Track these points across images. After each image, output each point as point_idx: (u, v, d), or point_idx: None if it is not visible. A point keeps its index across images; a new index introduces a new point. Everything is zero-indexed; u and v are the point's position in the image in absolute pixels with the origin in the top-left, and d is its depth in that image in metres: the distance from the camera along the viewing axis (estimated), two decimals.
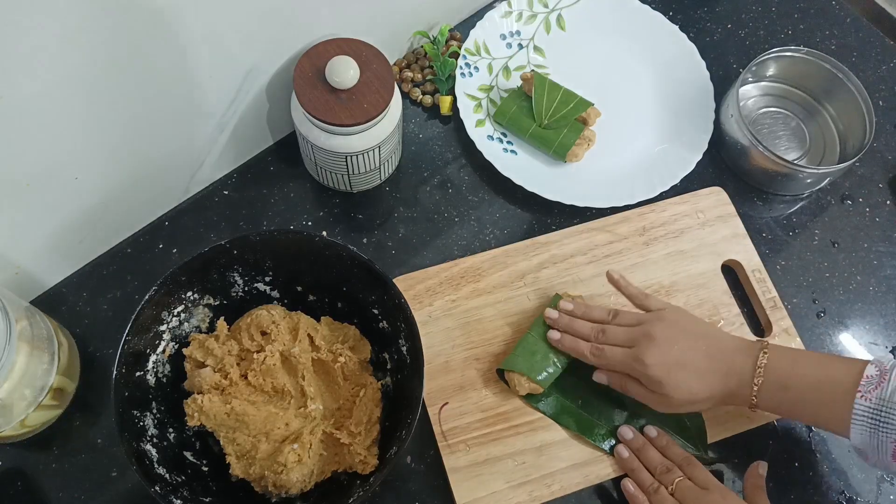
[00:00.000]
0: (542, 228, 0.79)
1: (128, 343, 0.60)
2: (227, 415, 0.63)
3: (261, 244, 0.65)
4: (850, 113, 0.83)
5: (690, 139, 0.82)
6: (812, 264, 0.80)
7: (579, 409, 0.69)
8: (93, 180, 0.65)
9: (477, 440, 0.68)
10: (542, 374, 0.68)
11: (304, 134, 0.71)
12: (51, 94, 0.55)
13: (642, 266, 0.76)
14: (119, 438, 0.57)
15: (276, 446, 0.63)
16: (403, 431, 0.59)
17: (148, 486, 0.56)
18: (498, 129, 0.82)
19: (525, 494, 0.66)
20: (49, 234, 0.67)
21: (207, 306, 0.67)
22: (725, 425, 0.70)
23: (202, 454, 0.65)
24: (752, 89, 0.88)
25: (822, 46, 0.91)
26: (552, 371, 0.69)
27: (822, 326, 0.77)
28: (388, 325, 0.67)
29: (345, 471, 0.64)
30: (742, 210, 0.80)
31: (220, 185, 0.78)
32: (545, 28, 0.88)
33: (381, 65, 0.70)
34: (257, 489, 0.64)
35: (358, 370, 0.67)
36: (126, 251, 0.75)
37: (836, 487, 0.70)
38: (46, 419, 0.66)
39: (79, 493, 0.66)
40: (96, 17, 0.52)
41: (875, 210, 0.83)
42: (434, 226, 0.78)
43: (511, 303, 0.74)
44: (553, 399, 0.70)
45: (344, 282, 0.67)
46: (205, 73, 0.64)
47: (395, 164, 0.80)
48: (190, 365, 0.66)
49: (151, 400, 0.63)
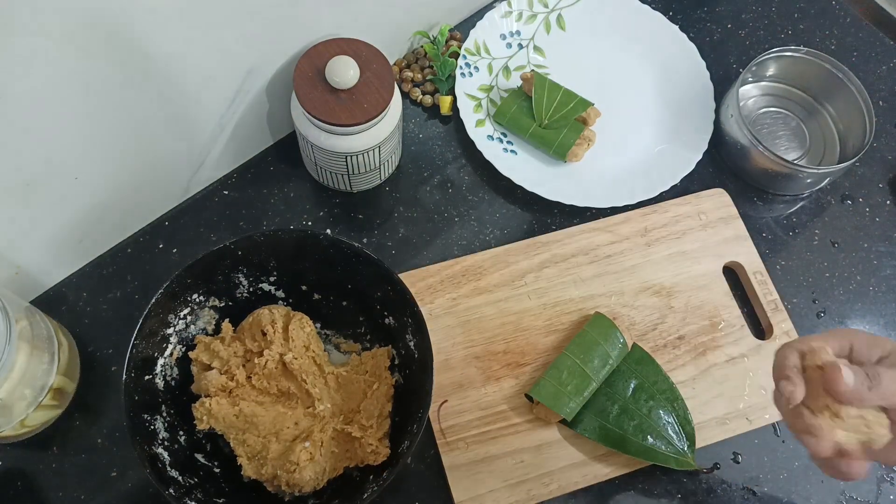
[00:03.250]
0: (542, 228, 0.79)
1: (136, 347, 0.60)
2: (236, 417, 0.63)
3: (265, 244, 0.66)
4: (850, 113, 0.83)
5: (690, 139, 0.82)
6: (812, 264, 0.80)
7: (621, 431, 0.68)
8: (93, 180, 0.65)
9: (476, 438, 0.68)
10: (569, 405, 0.67)
11: (304, 134, 0.71)
12: (51, 94, 0.55)
13: (643, 267, 0.76)
14: (131, 443, 0.57)
15: (286, 445, 0.63)
16: (415, 426, 0.59)
17: (162, 490, 0.56)
18: (498, 129, 0.82)
19: (523, 493, 0.66)
20: (49, 234, 0.67)
21: (213, 308, 0.68)
22: (725, 427, 0.70)
23: (213, 456, 0.65)
24: (752, 89, 0.88)
25: (822, 46, 0.91)
26: (580, 400, 0.68)
27: (822, 326, 0.77)
28: (394, 320, 0.67)
29: (356, 466, 0.64)
30: (742, 210, 0.80)
31: (220, 185, 0.79)
32: (545, 28, 0.88)
33: (381, 65, 0.70)
34: (270, 489, 0.64)
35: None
36: (126, 251, 0.75)
37: (836, 487, 0.70)
38: (46, 419, 0.66)
39: (79, 493, 0.66)
40: (96, 17, 0.52)
41: (875, 210, 0.83)
42: (434, 226, 0.78)
43: (512, 302, 0.74)
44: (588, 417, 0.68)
45: (349, 279, 0.67)
46: (205, 74, 0.64)
47: (395, 164, 0.80)
48: (196, 367, 0.66)
49: (161, 403, 0.63)
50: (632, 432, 0.68)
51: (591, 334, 0.70)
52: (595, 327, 0.71)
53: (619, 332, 0.70)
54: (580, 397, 0.68)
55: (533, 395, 0.68)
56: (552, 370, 0.69)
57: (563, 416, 0.67)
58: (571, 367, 0.68)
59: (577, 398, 0.68)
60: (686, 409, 0.69)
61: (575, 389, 0.68)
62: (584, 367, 0.69)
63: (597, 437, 0.68)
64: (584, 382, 0.68)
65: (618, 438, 0.68)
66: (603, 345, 0.69)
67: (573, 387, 0.68)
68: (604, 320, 0.71)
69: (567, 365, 0.69)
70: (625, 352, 0.71)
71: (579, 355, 0.69)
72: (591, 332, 0.70)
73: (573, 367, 0.69)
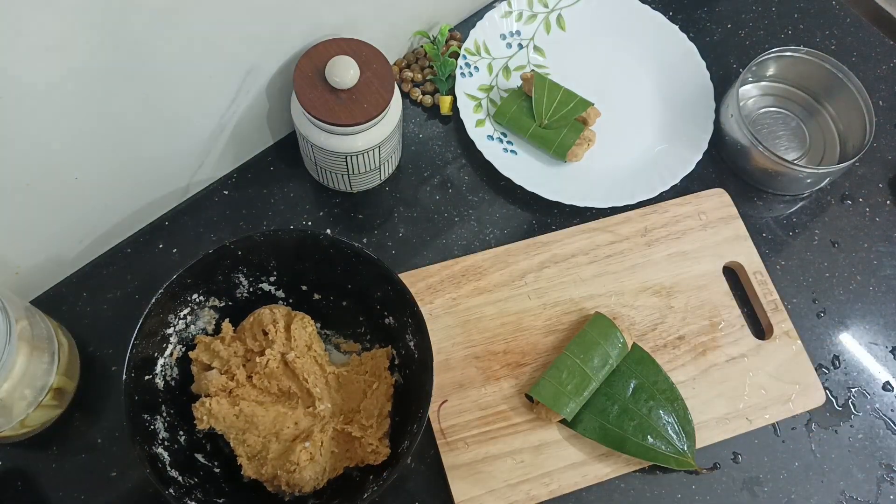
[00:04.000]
0: (542, 228, 0.79)
1: (136, 347, 0.60)
2: (236, 417, 0.63)
3: (265, 244, 0.66)
4: (850, 113, 0.83)
5: (690, 139, 0.82)
6: (812, 264, 0.80)
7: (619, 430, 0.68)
8: (93, 180, 0.65)
9: (476, 438, 0.68)
10: (569, 405, 0.67)
11: (304, 134, 0.71)
12: (51, 94, 0.55)
13: (643, 267, 0.76)
14: (131, 443, 0.57)
15: (286, 445, 0.63)
16: (415, 426, 0.59)
17: (162, 490, 0.56)
18: (498, 129, 0.82)
19: (523, 493, 0.66)
20: (49, 234, 0.67)
21: (213, 308, 0.68)
22: (725, 427, 0.70)
23: (213, 456, 0.65)
24: (752, 89, 0.88)
25: (822, 46, 0.91)
26: (580, 400, 0.68)
27: (822, 326, 0.77)
28: (394, 320, 0.67)
29: (357, 466, 0.64)
30: (742, 210, 0.80)
31: (220, 185, 0.79)
32: (545, 28, 0.88)
33: (381, 65, 0.70)
34: (270, 489, 0.64)
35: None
36: (126, 251, 0.75)
37: (836, 487, 0.70)
38: (46, 419, 0.66)
39: (79, 493, 0.66)
40: (96, 17, 0.52)
41: (875, 210, 0.83)
42: (434, 226, 0.78)
43: (512, 302, 0.74)
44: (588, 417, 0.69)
45: (349, 279, 0.67)
46: (205, 73, 0.64)
47: (395, 164, 0.80)
48: (196, 367, 0.66)
49: (161, 403, 0.63)
50: (632, 432, 0.68)
51: (591, 334, 0.70)
52: (595, 327, 0.71)
53: (619, 331, 0.70)
54: (580, 397, 0.68)
55: (533, 395, 0.68)
56: (552, 370, 0.69)
57: (563, 416, 0.67)
58: (571, 367, 0.68)
59: (577, 398, 0.68)
60: (686, 408, 0.69)
61: (575, 389, 0.68)
62: (584, 366, 0.69)
63: (597, 437, 0.68)
64: (584, 382, 0.68)
65: (618, 438, 0.68)
66: (603, 345, 0.70)
67: (573, 387, 0.68)
68: (604, 320, 0.71)
69: (567, 365, 0.69)
70: (625, 351, 0.71)
71: (579, 355, 0.69)
72: (591, 332, 0.70)
73: (573, 366, 0.69)
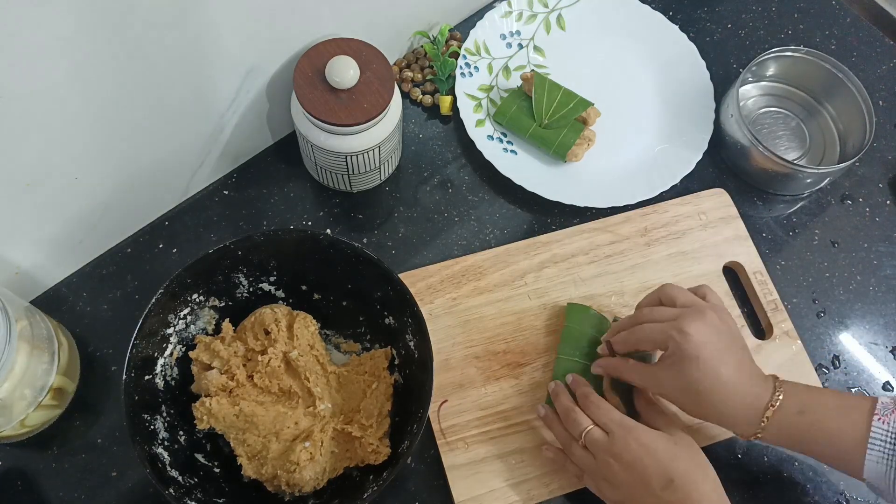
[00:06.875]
0: (542, 228, 0.79)
1: (136, 347, 0.60)
2: (236, 416, 0.63)
3: (265, 244, 0.66)
4: (850, 113, 0.83)
5: (690, 139, 0.82)
6: (812, 264, 0.80)
7: None
8: (93, 180, 0.65)
9: (476, 438, 0.68)
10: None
11: (304, 134, 0.71)
12: (51, 93, 0.55)
13: (643, 267, 0.76)
14: (131, 443, 0.57)
15: (287, 445, 0.63)
16: (415, 426, 0.59)
17: (162, 490, 0.56)
18: (498, 129, 0.82)
19: (523, 493, 0.66)
20: (49, 234, 0.67)
21: (213, 308, 0.68)
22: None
23: (213, 455, 0.65)
24: (752, 89, 0.88)
25: (822, 46, 0.91)
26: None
27: (822, 326, 0.77)
28: (394, 320, 0.67)
29: (357, 466, 0.64)
30: (742, 210, 0.80)
31: (220, 185, 0.79)
32: (545, 28, 0.88)
33: (381, 65, 0.70)
34: (270, 489, 0.64)
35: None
36: (126, 251, 0.75)
37: (835, 487, 0.70)
38: (46, 419, 0.66)
39: (79, 493, 0.66)
40: (97, 17, 0.52)
41: (875, 210, 0.83)
42: (434, 226, 0.78)
43: (512, 302, 0.74)
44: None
45: (349, 279, 0.67)
46: (205, 74, 0.64)
47: (395, 164, 0.80)
48: (197, 367, 0.66)
49: (161, 403, 0.63)
50: None
51: (573, 326, 0.71)
52: (573, 319, 0.71)
53: (592, 309, 0.71)
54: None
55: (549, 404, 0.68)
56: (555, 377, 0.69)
57: None
58: (571, 368, 0.69)
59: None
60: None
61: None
62: (583, 360, 0.69)
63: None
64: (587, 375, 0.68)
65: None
66: (588, 331, 0.70)
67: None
68: (576, 307, 0.71)
69: (567, 368, 0.69)
70: (606, 323, 0.71)
71: (573, 354, 0.69)
72: (572, 325, 0.71)
73: (573, 367, 0.69)
